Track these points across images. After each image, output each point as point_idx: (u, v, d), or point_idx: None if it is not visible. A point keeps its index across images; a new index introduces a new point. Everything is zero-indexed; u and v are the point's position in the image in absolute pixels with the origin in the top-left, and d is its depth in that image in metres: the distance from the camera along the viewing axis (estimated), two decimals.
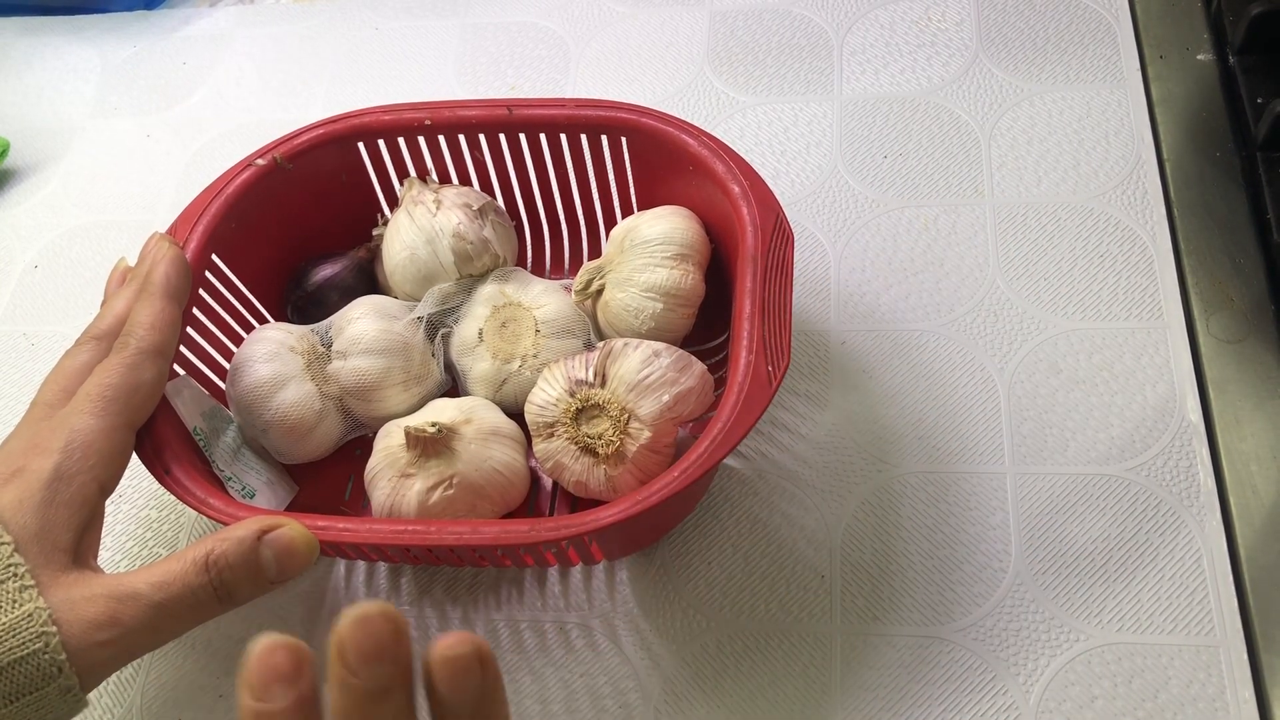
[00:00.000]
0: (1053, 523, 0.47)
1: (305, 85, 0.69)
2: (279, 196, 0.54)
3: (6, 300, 0.63)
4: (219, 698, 0.48)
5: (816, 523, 0.49)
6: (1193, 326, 0.51)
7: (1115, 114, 0.58)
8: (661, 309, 0.49)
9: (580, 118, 0.52)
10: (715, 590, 0.48)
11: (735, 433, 0.42)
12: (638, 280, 0.49)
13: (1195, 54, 0.59)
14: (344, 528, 0.43)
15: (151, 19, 0.75)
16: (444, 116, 0.53)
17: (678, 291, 0.49)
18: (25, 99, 0.73)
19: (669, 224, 0.50)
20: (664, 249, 0.49)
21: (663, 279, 0.49)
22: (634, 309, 0.49)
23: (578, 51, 0.67)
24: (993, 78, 0.61)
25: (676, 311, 0.49)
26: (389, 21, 0.72)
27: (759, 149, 0.61)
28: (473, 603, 0.49)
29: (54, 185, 0.68)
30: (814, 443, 0.51)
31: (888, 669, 0.45)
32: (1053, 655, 0.44)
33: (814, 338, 0.54)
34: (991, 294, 0.54)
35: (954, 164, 0.58)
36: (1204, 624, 0.44)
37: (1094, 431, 0.49)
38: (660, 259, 0.49)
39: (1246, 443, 0.47)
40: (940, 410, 0.51)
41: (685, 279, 0.49)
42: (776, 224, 0.47)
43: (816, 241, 0.57)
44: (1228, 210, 0.54)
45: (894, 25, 0.64)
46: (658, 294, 0.49)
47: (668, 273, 0.49)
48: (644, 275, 0.49)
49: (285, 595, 0.50)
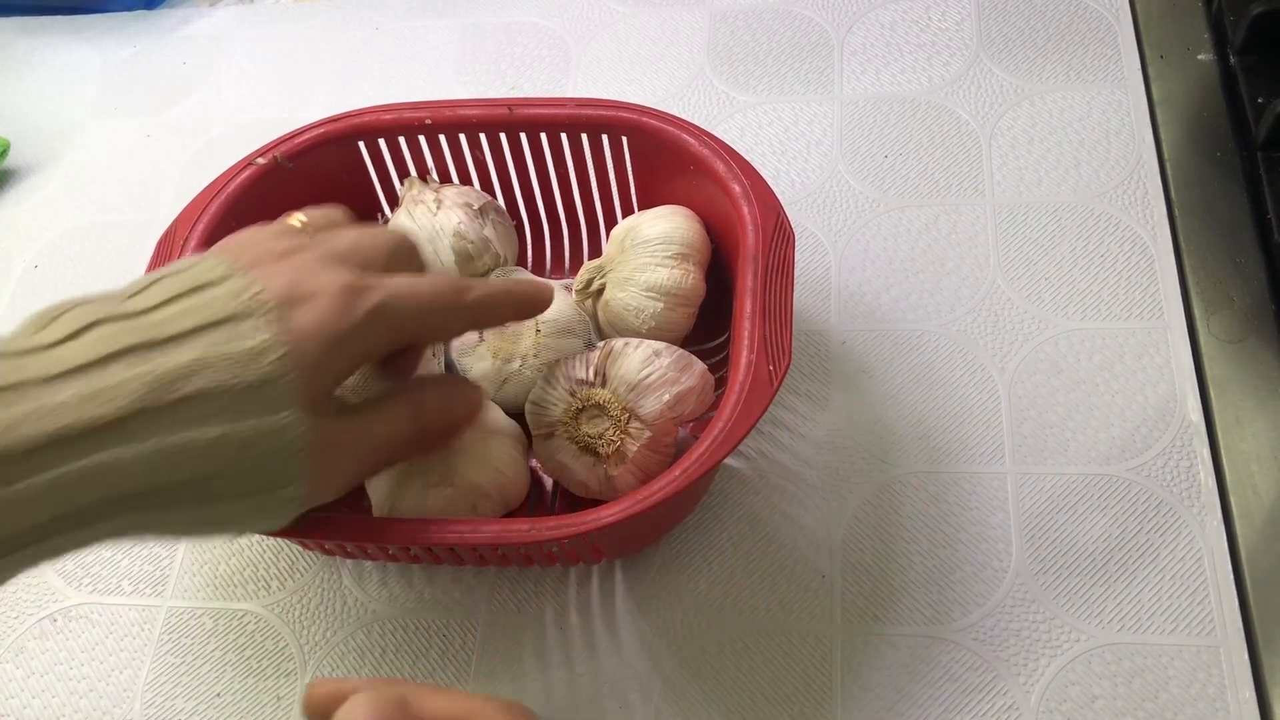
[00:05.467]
0: (1053, 523, 0.47)
1: (305, 85, 0.69)
2: (279, 196, 0.54)
3: (6, 300, 0.63)
4: (216, 696, 0.48)
5: (817, 522, 0.49)
6: (1193, 326, 0.51)
7: (1116, 114, 0.58)
8: (662, 308, 0.49)
9: (581, 117, 0.52)
10: (716, 590, 0.48)
11: (736, 432, 0.42)
12: (639, 280, 0.49)
13: (1196, 54, 0.59)
14: (345, 526, 0.43)
15: (151, 19, 0.75)
16: (444, 116, 0.53)
17: (678, 291, 0.49)
18: (25, 99, 0.73)
19: (670, 224, 0.50)
20: (665, 248, 0.49)
21: (663, 278, 0.49)
22: (635, 308, 0.49)
23: (578, 51, 0.67)
24: (993, 77, 0.61)
25: (677, 311, 0.49)
26: (389, 21, 0.72)
27: (759, 149, 0.61)
28: (472, 602, 0.49)
29: (54, 185, 0.68)
30: (814, 442, 0.51)
31: (888, 669, 0.45)
32: (1053, 655, 0.44)
33: (814, 337, 0.54)
34: (992, 294, 0.54)
35: (954, 164, 0.58)
36: (1205, 624, 0.44)
37: (1094, 431, 0.49)
38: (661, 258, 0.49)
39: (1247, 442, 0.47)
40: (941, 410, 0.51)
41: (686, 278, 0.49)
42: (777, 223, 0.47)
43: (817, 241, 0.57)
44: (1228, 210, 0.54)
45: (894, 25, 0.64)
46: (658, 293, 0.49)
47: (668, 272, 0.49)
48: (645, 275, 0.49)
49: (285, 595, 0.50)
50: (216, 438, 0.35)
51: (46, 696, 0.49)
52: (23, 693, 0.50)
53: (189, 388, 0.34)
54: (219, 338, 0.35)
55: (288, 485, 0.37)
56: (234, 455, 0.35)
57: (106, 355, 0.34)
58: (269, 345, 0.36)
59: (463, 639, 0.48)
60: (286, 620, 0.50)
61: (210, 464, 0.35)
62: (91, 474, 0.33)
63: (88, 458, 0.33)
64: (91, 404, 0.33)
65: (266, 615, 0.50)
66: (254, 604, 0.51)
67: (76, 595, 0.52)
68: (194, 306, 0.36)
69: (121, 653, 0.50)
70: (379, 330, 0.39)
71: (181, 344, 0.35)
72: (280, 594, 0.51)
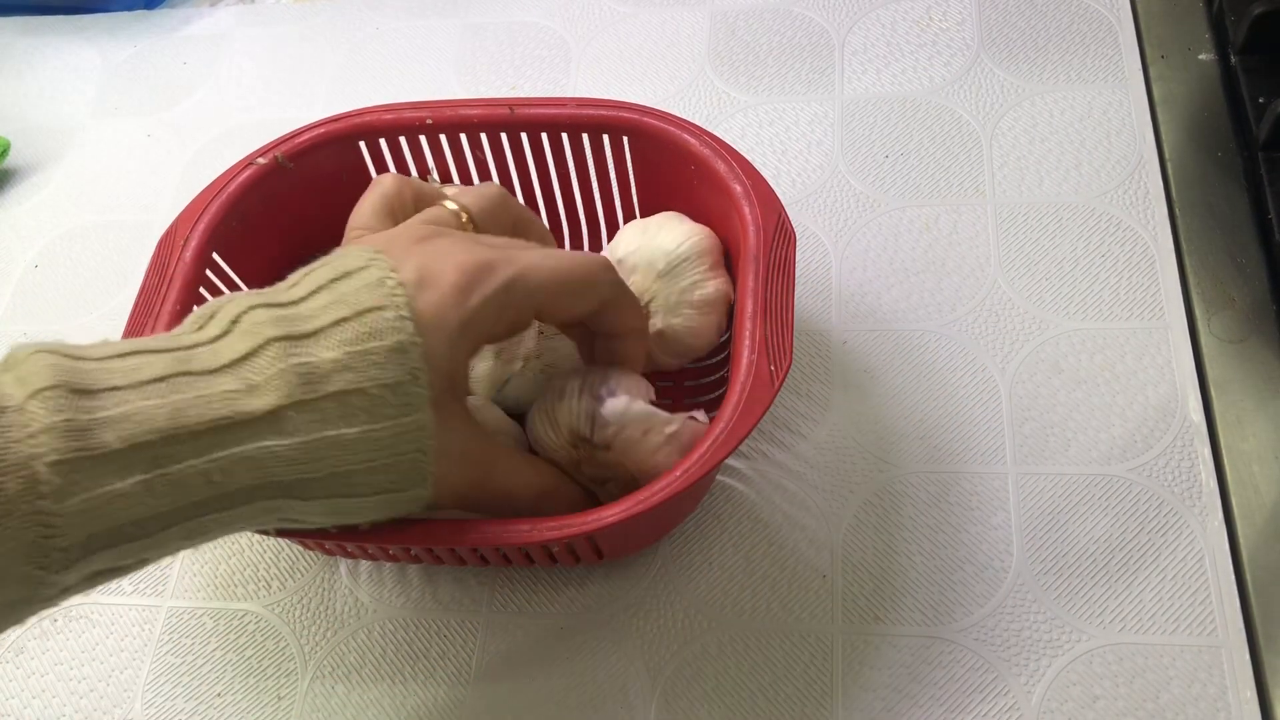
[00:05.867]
0: (1054, 523, 0.47)
1: (305, 85, 0.69)
2: (280, 195, 0.54)
3: (6, 300, 0.63)
4: (216, 696, 0.48)
5: (818, 523, 0.49)
6: (1194, 326, 0.51)
7: (1117, 114, 0.58)
8: (714, 320, 0.50)
9: (582, 117, 0.52)
10: (716, 590, 0.48)
11: (737, 432, 0.42)
12: (692, 299, 0.49)
13: (1197, 54, 0.59)
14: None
15: (151, 19, 0.75)
16: (445, 116, 0.53)
17: (728, 299, 0.50)
18: (25, 99, 0.72)
19: (685, 228, 0.50)
20: (701, 261, 0.49)
21: (712, 291, 0.49)
22: (693, 328, 0.50)
23: (579, 51, 0.67)
24: (994, 77, 0.61)
25: (721, 314, 0.50)
26: (389, 21, 0.72)
27: (760, 149, 0.61)
28: (473, 602, 0.49)
29: (54, 185, 0.68)
30: (815, 443, 0.51)
31: (889, 669, 0.45)
32: (1054, 655, 0.44)
33: (815, 338, 0.54)
34: (993, 294, 0.54)
35: (955, 164, 0.58)
36: (1206, 624, 0.44)
37: (1095, 431, 0.49)
38: (703, 272, 0.49)
39: (1248, 443, 0.47)
40: (942, 410, 0.51)
41: (725, 285, 0.50)
42: (778, 224, 0.47)
43: (818, 241, 0.57)
44: (1229, 210, 0.54)
45: (895, 25, 0.64)
46: (709, 307, 0.49)
47: (715, 285, 0.49)
48: (697, 293, 0.49)
49: (285, 595, 0.50)
50: (359, 434, 0.36)
51: (46, 696, 0.49)
52: (23, 693, 0.50)
53: (334, 385, 0.36)
54: (361, 331, 0.37)
55: (415, 487, 0.38)
56: (373, 453, 0.37)
57: (258, 346, 0.36)
58: (404, 345, 0.37)
59: (463, 639, 0.48)
60: (286, 620, 0.50)
61: (353, 459, 0.36)
62: (244, 461, 0.35)
63: (242, 445, 0.35)
64: (247, 396, 0.35)
65: (266, 615, 0.50)
66: (254, 604, 0.50)
67: (76, 595, 0.52)
68: (338, 298, 0.37)
69: (121, 653, 0.50)
70: (503, 307, 0.40)
71: (327, 337, 0.36)
72: (280, 594, 0.50)
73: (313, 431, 0.36)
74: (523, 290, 0.40)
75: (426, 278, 0.38)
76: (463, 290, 0.38)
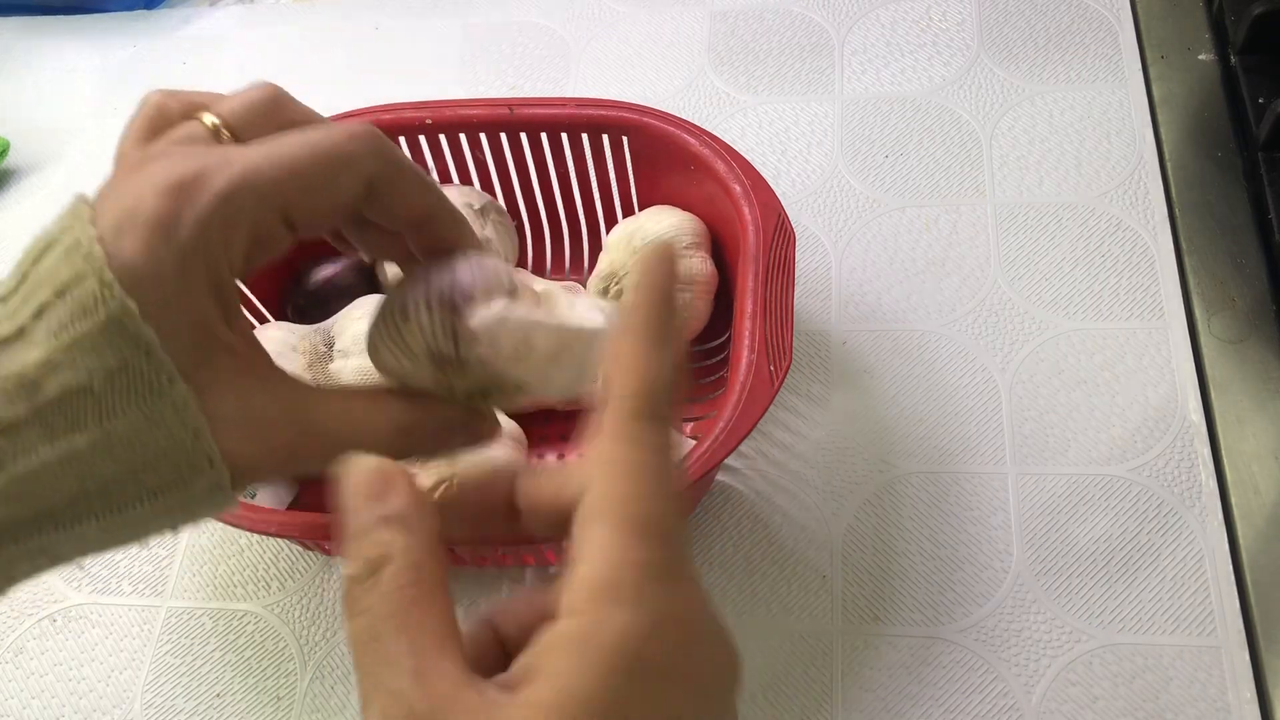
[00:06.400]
0: (1054, 523, 0.47)
1: (305, 85, 0.69)
2: None
3: None
4: (216, 696, 0.48)
5: (818, 523, 0.49)
6: (1194, 326, 0.51)
7: (1117, 114, 0.58)
8: (691, 298, 0.50)
9: (581, 117, 0.52)
10: (716, 590, 0.48)
11: (737, 432, 0.42)
12: None
13: (1197, 54, 0.59)
14: None
15: (151, 19, 0.75)
16: (445, 116, 0.53)
17: (703, 278, 0.50)
18: (25, 99, 0.72)
19: (673, 218, 0.50)
20: (679, 240, 0.50)
21: (689, 267, 0.50)
22: None
23: (578, 51, 0.67)
24: (994, 77, 0.61)
25: (702, 300, 0.50)
26: (389, 21, 0.72)
27: (760, 148, 0.61)
28: (473, 602, 0.49)
29: (54, 185, 0.68)
30: (815, 443, 0.51)
31: (889, 669, 0.45)
32: (1054, 656, 0.44)
33: (815, 337, 0.54)
34: (993, 294, 0.54)
35: (955, 164, 0.58)
36: (1205, 624, 0.44)
37: (1095, 432, 0.49)
38: (679, 249, 0.49)
39: (1248, 443, 0.47)
40: (942, 410, 0.51)
41: (705, 265, 0.50)
42: (778, 223, 0.47)
43: (817, 241, 0.57)
44: (1229, 210, 0.54)
45: (895, 25, 0.64)
46: (685, 283, 0.50)
47: (688, 261, 0.50)
48: None
49: (285, 595, 0.50)
50: (96, 440, 0.29)
51: (46, 697, 0.49)
52: (23, 693, 0.50)
53: (50, 391, 0.29)
54: (65, 316, 0.29)
55: (199, 475, 0.30)
56: (126, 454, 0.29)
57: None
58: (116, 315, 0.29)
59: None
60: (286, 620, 0.50)
61: (101, 470, 0.29)
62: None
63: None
64: None
65: (266, 615, 0.50)
66: (254, 604, 0.50)
67: (76, 595, 0.52)
68: (40, 280, 0.30)
69: (121, 653, 0.50)
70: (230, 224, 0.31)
71: (31, 334, 0.29)
72: (280, 594, 0.50)
73: (41, 452, 0.28)
74: (250, 194, 0.31)
75: (124, 220, 0.30)
76: (167, 220, 0.30)
